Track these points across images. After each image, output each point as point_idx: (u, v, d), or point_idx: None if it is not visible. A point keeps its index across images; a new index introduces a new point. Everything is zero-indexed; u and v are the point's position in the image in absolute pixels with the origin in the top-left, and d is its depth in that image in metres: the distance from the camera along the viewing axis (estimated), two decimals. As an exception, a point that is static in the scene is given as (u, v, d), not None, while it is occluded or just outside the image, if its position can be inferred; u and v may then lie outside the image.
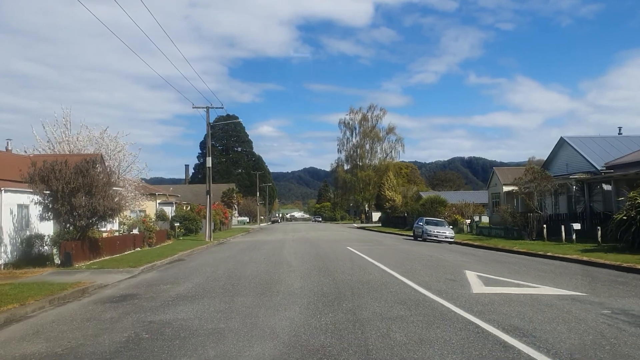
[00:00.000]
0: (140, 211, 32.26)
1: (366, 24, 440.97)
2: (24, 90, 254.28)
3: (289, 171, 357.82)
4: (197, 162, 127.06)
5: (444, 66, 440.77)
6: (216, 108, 33.31)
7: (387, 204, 61.49)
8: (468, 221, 39.06)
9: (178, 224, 42.11)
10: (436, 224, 31.32)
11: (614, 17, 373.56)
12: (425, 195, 58.22)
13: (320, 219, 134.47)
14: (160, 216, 50.49)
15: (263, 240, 33.61)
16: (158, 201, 57.15)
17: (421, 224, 31.64)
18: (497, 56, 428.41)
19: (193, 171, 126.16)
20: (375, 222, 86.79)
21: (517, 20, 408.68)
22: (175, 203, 54.13)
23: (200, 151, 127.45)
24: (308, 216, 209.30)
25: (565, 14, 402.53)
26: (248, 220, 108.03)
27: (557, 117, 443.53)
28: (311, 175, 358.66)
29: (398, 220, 57.87)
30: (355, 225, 75.72)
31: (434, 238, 29.71)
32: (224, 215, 54.80)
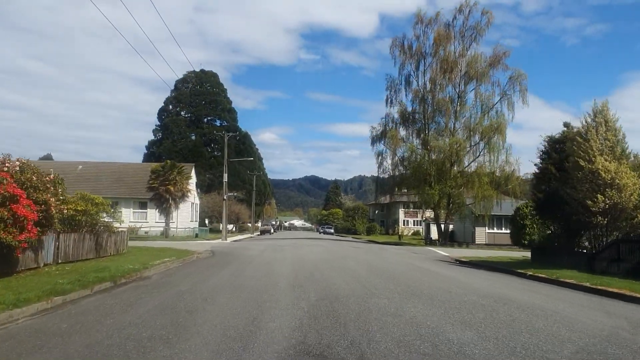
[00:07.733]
0: None
1: (371, 35, 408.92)
2: (26, 88, 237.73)
3: (290, 179, 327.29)
4: (153, 137, 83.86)
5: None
6: None
7: (605, 201, 17.95)
8: None
9: None
10: None
11: (619, 38, 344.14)
12: None
13: (332, 231, 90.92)
14: None
15: None
16: None
17: None
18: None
19: (145, 152, 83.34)
20: (439, 243, 42.78)
21: (522, 37, 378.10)
22: None
23: (158, 123, 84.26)
24: (309, 225, 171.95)
25: (571, 33, 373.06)
26: (216, 228, 64.10)
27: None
28: (312, 183, 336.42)
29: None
30: (459, 256, 31.33)
31: None
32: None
